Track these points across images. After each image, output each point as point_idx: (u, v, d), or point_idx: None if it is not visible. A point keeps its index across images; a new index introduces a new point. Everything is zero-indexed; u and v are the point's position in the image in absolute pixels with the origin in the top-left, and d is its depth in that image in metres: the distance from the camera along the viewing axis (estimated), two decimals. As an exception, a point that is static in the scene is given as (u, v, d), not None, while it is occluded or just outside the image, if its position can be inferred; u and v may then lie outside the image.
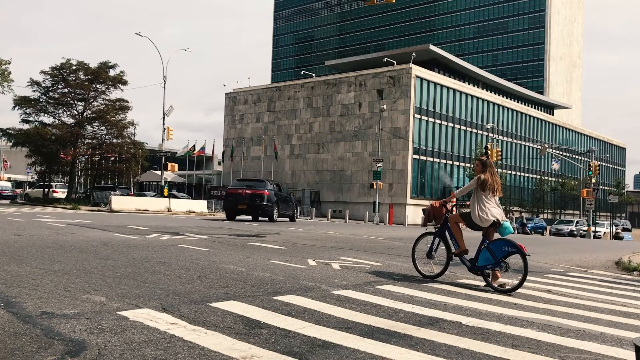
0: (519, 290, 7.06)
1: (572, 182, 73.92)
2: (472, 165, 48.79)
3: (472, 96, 62.69)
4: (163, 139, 38.40)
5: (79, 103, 41.98)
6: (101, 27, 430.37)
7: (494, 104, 66.46)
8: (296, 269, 7.99)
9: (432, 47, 68.53)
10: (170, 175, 59.70)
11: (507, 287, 7.07)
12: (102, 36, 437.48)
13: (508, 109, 69.11)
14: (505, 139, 67.98)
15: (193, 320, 4.47)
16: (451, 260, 7.84)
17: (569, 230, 47.60)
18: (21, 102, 40.38)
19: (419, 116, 54.78)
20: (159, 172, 43.55)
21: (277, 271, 7.65)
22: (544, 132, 76.72)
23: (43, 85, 40.97)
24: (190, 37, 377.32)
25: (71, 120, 41.79)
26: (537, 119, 75.70)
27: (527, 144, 72.33)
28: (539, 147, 62.75)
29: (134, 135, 45.69)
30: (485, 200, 7.39)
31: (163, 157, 38.73)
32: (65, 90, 41.37)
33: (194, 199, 47.14)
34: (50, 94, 41.53)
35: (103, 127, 42.35)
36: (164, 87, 38.92)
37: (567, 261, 13.09)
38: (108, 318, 4.36)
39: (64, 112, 42.03)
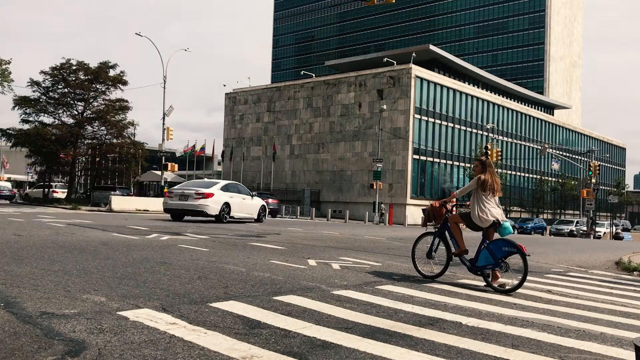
0: (519, 290, 7.05)
1: (572, 182, 73.92)
2: (472, 166, 48.76)
3: (472, 96, 62.67)
4: (163, 139, 38.42)
5: (79, 103, 41.93)
6: (101, 27, 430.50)
7: (494, 104, 66.45)
8: (296, 269, 7.99)
9: (432, 47, 68.53)
10: (170, 175, 59.72)
11: (507, 287, 7.07)
12: (102, 36, 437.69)
13: (508, 109, 69.10)
14: (505, 139, 67.96)
15: (193, 320, 4.47)
16: (451, 260, 7.84)
17: (569, 231, 47.66)
18: (21, 102, 40.32)
19: (419, 116, 54.77)
20: (159, 172, 43.55)
21: (277, 271, 7.64)
22: (544, 132, 76.70)
23: (43, 85, 40.91)
24: (190, 37, 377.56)
25: (71, 120, 41.75)
26: (537, 119, 75.68)
27: (527, 144, 72.31)
28: (539, 147, 62.75)
29: (134, 136, 45.64)
30: (485, 200, 7.39)
31: (163, 157, 38.74)
32: (65, 90, 41.30)
33: (194, 199, 47.03)
34: (50, 94, 41.46)
35: (103, 127, 42.30)
36: (164, 87, 38.95)
37: (567, 261, 13.09)
38: (108, 318, 4.35)
39: (64, 112, 41.99)
